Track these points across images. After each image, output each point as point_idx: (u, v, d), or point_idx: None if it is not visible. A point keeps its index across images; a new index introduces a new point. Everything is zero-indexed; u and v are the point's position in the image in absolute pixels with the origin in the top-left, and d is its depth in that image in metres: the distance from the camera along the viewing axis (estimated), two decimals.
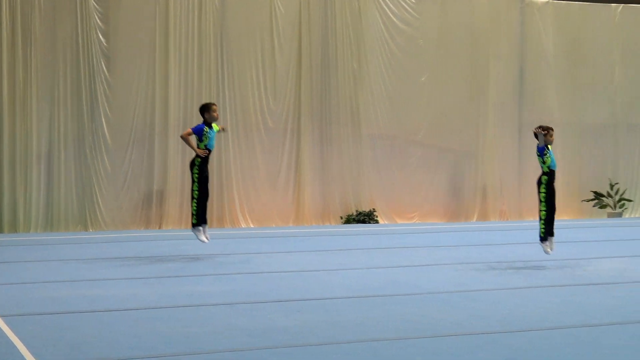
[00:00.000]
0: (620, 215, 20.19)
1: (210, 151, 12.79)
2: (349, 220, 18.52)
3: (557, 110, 20.25)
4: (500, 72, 19.86)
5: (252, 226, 17.86)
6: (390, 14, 19.00)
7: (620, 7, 20.95)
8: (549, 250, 12.05)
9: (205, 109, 12.87)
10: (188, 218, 17.47)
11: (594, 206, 20.26)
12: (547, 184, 12.06)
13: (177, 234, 16.37)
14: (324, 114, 18.57)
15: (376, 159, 18.97)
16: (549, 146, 12.09)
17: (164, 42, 17.46)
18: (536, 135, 12.12)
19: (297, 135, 18.41)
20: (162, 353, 7.02)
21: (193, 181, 12.77)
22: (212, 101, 16.58)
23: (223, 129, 13.42)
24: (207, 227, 13.04)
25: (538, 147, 12.14)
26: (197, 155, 12.63)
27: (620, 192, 20.34)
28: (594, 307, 9.16)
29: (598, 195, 20.12)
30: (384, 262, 12.48)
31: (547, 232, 12.03)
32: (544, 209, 12.02)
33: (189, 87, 17.61)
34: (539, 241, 12.13)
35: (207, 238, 12.91)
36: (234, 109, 17.90)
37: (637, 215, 20.76)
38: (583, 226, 18.18)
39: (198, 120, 17.39)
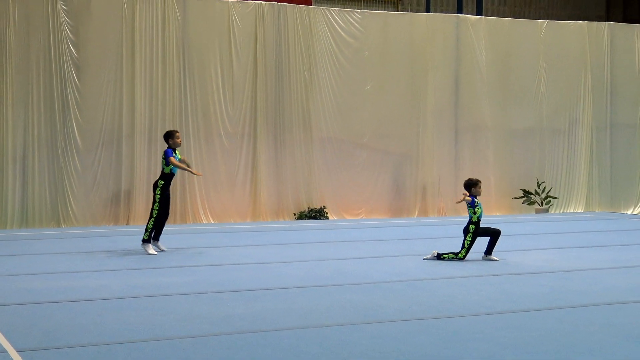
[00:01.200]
0: (546, 211, 20.38)
1: (173, 175, 12.60)
2: (301, 216, 18.52)
3: (489, 116, 20.42)
4: (438, 81, 19.97)
5: (212, 222, 17.80)
6: (338, 28, 19.04)
7: (545, 23, 21.17)
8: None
9: (169, 136, 12.67)
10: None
11: (523, 203, 20.43)
12: (474, 232, 11.86)
13: (142, 229, 16.20)
14: (278, 119, 18.56)
15: (326, 160, 19.00)
16: (477, 198, 11.97)
17: (130, 53, 17.35)
18: (469, 188, 11.90)
19: (254, 139, 18.37)
20: (128, 339, 6.96)
21: (154, 201, 12.55)
22: (175, 128, 16.69)
23: (188, 167, 13.00)
24: (157, 242, 12.80)
25: (472, 198, 11.84)
26: (161, 178, 12.44)
27: (547, 190, 20.53)
28: (523, 295, 9.23)
29: (527, 193, 20.29)
30: (333, 254, 12.49)
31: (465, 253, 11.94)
32: (464, 255, 11.86)
33: (153, 95, 17.52)
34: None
35: (155, 251, 12.55)
36: (195, 115, 17.84)
37: (561, 211, 20.97)
38: (513, 221, 18.33)
39: (162, 124, 17.51)
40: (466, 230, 11.90)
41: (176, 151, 12.66)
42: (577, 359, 6.46)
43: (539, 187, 20.44)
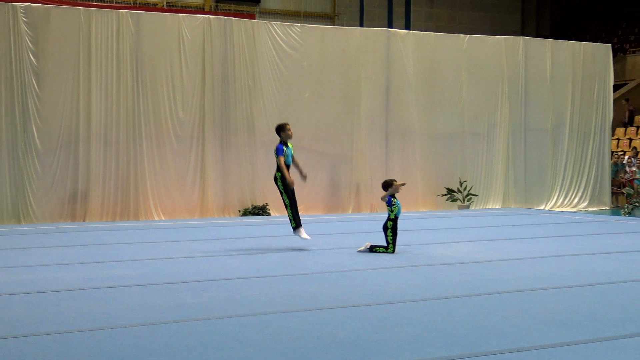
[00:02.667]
0: (468, 207, 20.59)
1: (289, 165, 11.97)
2: (245, 213, 18.46)
3: (417, 121, 20.56)
4: (370, 89, 20.05)
5: (163, 218, 17.65)
6: (280, 40, 19.01)
7: (467, 37, 21.39)
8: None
9: (281, 129, 12.01)
10: (108, 212, 17.25)
11: (446, 200, 20.60)
12: (392, 228, 11.81)
13: (98, 225, 16.06)
14: (224, 123, 18.47)
15: (268, 161, 18.89)
16: (395, 196, 11.97)
17: (86, 62, 17.13)
18: (386, 188, 11.86)
19: (202, 142, 18.26)
20: (83, 328, 6.87)
21: (281, 193, 12.02)
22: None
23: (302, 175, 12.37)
24: (301, 229, 12.11)
25: (388, 198, 11.79)
26: (278, 170, 11.85)
27: (468, 188, 20.74)
28: (446, 283, 9.31)
29: (450, 191, 20.47)
30: (274, 247, 12.48)
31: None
32: (392, 249, 11.87)
33: (108, 100, 17.31)
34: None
35: (306, 237, 12.03)
36: (148, 119, 17.68)
37: (481, 207, 21.21)
38: (438, 217, 18.50)
39: (117, 128, 17.32)
40: (385, 227, 11.90)
41: (289, 143, 12.10)
42: (494, 340, 6.54)
43: (461, 185, 20.64)
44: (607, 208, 22.56)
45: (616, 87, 27.28)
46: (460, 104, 21.12)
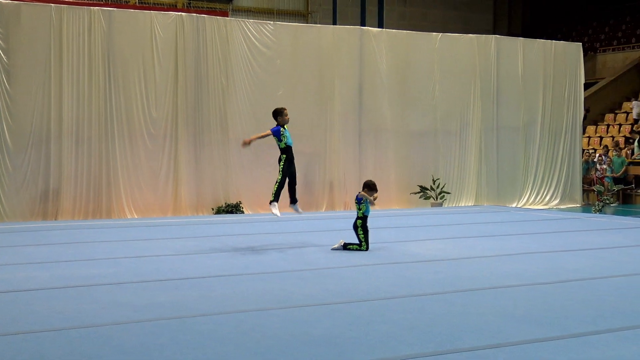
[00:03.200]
0: (441, 205, 20.67)
1: (290, 147, 12.28)
2: (219, 211, 18.42)
3: (390, 119, 20.62)
4: (343, 87, 20.08)
5: (136, 217, 17.56)
6: (253, 38, 18.97)
7: (440, 35, 21.47)
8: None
9: (278, 113, 12.33)
10: (80, 210, 17.15)
11: (420, 197, 20.67)
12: (362, 226, 11.82)
13: (70, 224, 15.95)
14: (198, 121, 18.41)
15: (241, 159, 18.92)
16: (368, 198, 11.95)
17: (58, 59, 17.01)
18: (364, 187, 11.92)
19: (175, 140, 18.19)
20: (56, 327, 6.82)
21: (279, 172, 12.27)
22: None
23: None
24: (296, 205, 12.69)
25: (357, 197, 11.92)
26: (282, 153, 12.15)
27: (441, 185, 20.82)
28: (419, 281, 9.35)
29: (423, 189, 20.54)
30: (247, 245, 12.46)
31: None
32: (366, 247, 11.89)
33: (80, 98, 17.19)
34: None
35: (280, 213, 12.33)
36: (120, 117, 17.58)
37: (454, 205, 21.31)
38: (411, 214, 18.55)
39: (88, 126, 17.21)
40: (355, 226, 11.90)
41: (285, 127, 12.28)
42: (467, 337, 6.58)
43: (434, 183, 20.72)
44: (578, 205, 22.76)
45: (587, 86, 27.53)
46: (433, 102, 21.21)
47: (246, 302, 7.99)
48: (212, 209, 18.51)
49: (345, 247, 11.87)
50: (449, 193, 20.98)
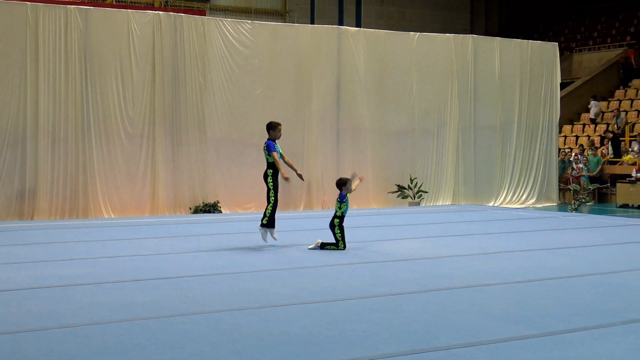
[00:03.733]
0: (418, 204, 20.74)
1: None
2: (196, 210, 18.38)
3: (367, 118, 20.67)
4: (321, 87, 20.09)
5: (113, 216, 17.49)
6: (230, 37, 18.95)
7: (417, 35, 21.54)
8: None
9: (272, 127, 12.05)
10: (57, 210, 17.04)
11: (397, 197, 20.72)
12: (339, 225, 11.80)
13: (46, 224, 15.86)
14: (175, 121, 18.36)
15: (219, 158, 18.90)
16: (348, 195, 11.98)
17: (34, 58, 16.91)
18: (340, 187, 11.82)
19: (152, 139, 18.13)
20: (32, 328, 6.79)
21: (269, 189, 11.94)
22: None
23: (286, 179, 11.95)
24: (274, 230, 12.03)
25: (341, 195, 11.83)
26: (268, 167, 11.82)
27: (418, 185, 20.89)
28: (396, 279, 9.38)
29: (401, 188, 20.59)
30: (226, 245, 12.44)
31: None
32: (343, 246, 11.88)
33: (56, 97, 17.11)
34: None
35: (274, 238, 11.99)
36: (97, 117, 17.50)
37: (431, 204, 21.38)
38: (389, 213, 18.61)
39: (65, 125, 17.11)
40: (332, 225, 11.90)
41: (276, 142, 12.02)
42: (444, 336, 6.62)
43: (411, 182, 20.78)
44: (554, 204, 22.91)
45: (563, 85, 27.72)
46: (411, 102, 21.27)
47: (224, 301, 7.98)
48: (190, 209, 18.46)
49: (323, 246, 11.88)
50: (426, 192, 21.05)
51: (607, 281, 9.41)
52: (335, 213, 11.90)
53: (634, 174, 22.78)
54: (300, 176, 12.34)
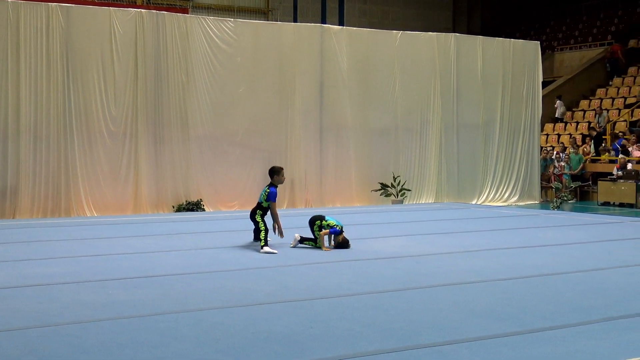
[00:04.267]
0: (401, 202, 20.76)
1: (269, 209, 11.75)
2: (179, 208, 18.32)
3: (350, 116, 20.66)
4: (304, 85, 20.07)
5: (95, 215, 17.40)
6: (213, 35, 18.89)
7: (400, 33, 21.56)
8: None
9: (276, 172, 11.81)
10: (39, 208, 16.95)
11: (380, 195, 20.74)
12: (319, 227, 11.83)
13: (28, 222, 15.75)
14: (158, 119, 18.29)
15: (202, 157, 18.85)
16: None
17: (15, 56, 16.79)
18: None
19: (135, 137, 18.06)
20: (15, 327, 6.74)
21: (258, 222, 11.68)
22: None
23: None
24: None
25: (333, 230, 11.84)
26: (259, 208, 11.67)
27: (401, 183, 20.91)
28: (380, 277, 9.39)
29: (384, 186, 20.61)
30: (208, 243, 12.41)
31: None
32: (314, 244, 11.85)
33: (38, 96, 17.00)
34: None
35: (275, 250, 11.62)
36: (79, 115, 17.40)
37: (414, 202, 21.41)
38: (372, 211, 18.62)
39: (47, 124, 17.01)
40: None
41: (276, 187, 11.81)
42: (427, 333, 6.63)
43: (394, 180, 20.81)
44: (536, 202, 23.01)
45: (545, 84, 27.84)
46: (393, 100, 21.29)
47: (207, 300, 7.96)
48: (173, 207, 18.40)
49: (302, 241, 11.94)
50: (409, 190, 21.09)
51: (589, 279, 9.46)
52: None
53: (615, 172, 22.91)
54: (280, 232, 11.94)
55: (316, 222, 11.97)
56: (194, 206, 18.40)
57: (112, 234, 13.72)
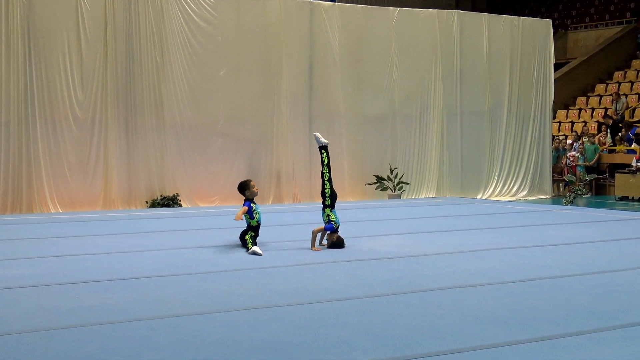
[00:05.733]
0: (399, 196, 20.79)
1: (259, 224, 11.67)
2: (154, 204, 18.31)
3: (342, 102, 20.68)
4: (292, 68, 20.07)
5: (60, 211, 17.37)
6: (191, 12, 18.86)
7: (397, 10, 21.57)
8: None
9: (246, 187, 11.73)
10: (8, 203, 16.90)
11: (376, 189, 20.76)
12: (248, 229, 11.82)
13: None
14: (130, 104, 18.27)
15: (179, 147, 18.84)
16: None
17: None
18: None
19: (105, 125, 18.03)
20: None
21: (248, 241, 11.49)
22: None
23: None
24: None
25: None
26: (250, 230, 11.55)
27: (399, 176, 20.94)
28: (374, 280, 9.39)
29: (380, 179, 20.63)
30: (186, 242, 12.41)
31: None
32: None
33: None
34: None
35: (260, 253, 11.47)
36: (42, 100, 17.35)
37: (413, 197, 21.45)
38: (366, 207, 18.63)
39: (6, 109, 16.95)
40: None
41: (254, 202, 11.72)
42: (427, 341, 6.64)
43: (391, 173, 20.83)
44: (547, 197, 23.08)
45: (557, 66, 27.89)
46: (390, 84, 21.30)
47: (184, 304, 7.96)
48: (147, 202, 18.39)
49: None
50: (407, 184, 21.11)
51: (605, 281, 9.48)
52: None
53: (634, 164, 22.96)
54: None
55: (325, 210, 11.92)
56: (170, 201, 18.39)
57: (79, 232, 13.70)
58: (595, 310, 7.83)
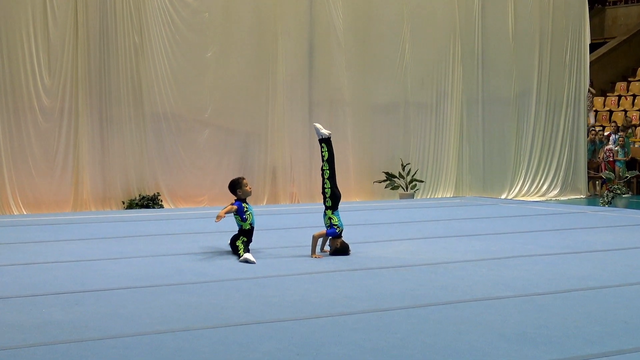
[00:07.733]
0: (412, 196, 20.79)
1: (253, 228, 11.67)
2: (131, 205, 18.33)
3: (347, 88, 20.67)
4: (289, 48, 20.06)
5: (25, 213, 17.40)
6: None
7: None
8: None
9: (237, 186, 11.74)
10: None
11: (386, 187, 20.77)
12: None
13: None
14: (104, 91, 18.29)
15: (161, 140, 18.85)
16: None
17: None
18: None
19: (75, 115, 18.05)
20: None
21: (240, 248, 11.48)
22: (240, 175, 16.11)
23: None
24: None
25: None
26: (243, 235, 11.57)
27: (412, 173, 20.94)
28: (385, 291, 9.39)
29: (390, 176, 20.62)
30: (168, 249, 12.40)
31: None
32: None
33: None
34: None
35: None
36: (3, 86, 17.40)
37: (428, 196, 21.45)
38: (375, 208, 18.63)
39: None
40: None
41: (247, 202, 11.78)
42: None
43: (403, 169, 20.83)
44: (582, 197, 23.08)
45: (593, 47, 27.86)
46: (402, 67, 21.31)
47: (166, 320, 7.96)
48: (123, 203, 18.42)
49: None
50: (422, 182, 21.12)
51: None
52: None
53: None
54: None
55: (326, 212, 11.92)
56: (150, 202, 18.41)
57: (46, 237, 13.71)
58: (637, 327, 7.83)
